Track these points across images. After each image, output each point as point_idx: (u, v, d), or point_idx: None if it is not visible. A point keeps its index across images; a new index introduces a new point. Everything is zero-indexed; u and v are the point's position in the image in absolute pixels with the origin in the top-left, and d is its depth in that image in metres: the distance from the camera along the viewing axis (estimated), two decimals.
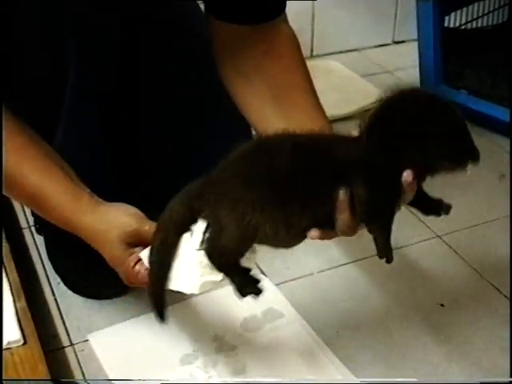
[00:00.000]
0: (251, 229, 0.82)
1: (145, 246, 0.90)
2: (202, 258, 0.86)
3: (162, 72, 1.19)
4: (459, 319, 1.23)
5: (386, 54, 2.27)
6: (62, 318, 1.21)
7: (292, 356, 1.13)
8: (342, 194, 0.83)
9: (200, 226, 0.85)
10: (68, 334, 1.18)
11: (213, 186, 0.84)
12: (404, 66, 2.16)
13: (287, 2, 1.10)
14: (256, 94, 1.06)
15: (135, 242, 0.92)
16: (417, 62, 1.93)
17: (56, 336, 1.18)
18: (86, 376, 1.10)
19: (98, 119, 1.10)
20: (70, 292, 1.26)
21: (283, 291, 1.27)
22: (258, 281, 0.88)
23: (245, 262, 0.88)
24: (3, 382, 0.97)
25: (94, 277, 1.26)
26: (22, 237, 1.39)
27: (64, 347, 1.16)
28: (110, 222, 0.92)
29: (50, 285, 1.28)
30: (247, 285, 0.88)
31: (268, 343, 1.16)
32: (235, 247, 0.84)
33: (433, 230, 1.45)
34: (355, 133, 0.87)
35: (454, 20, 2.00)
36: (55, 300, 1.25)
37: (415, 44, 1.94)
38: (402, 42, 2.33)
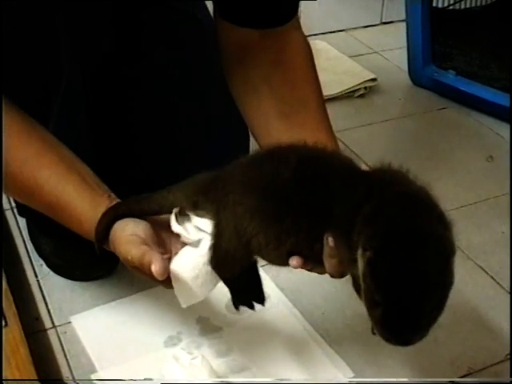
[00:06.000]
0: (247, 236, 0.78)
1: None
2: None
3: (158, 63, 1.15)
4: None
5: (374, 35, 2.25)
6: (44, 299, 1.20)
7: (277, 338, 1.12)
8: (331, 241, 0.75)
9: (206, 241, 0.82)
10: (50, 316, 1.17)
11: (220, 184, 0.80)
12: (392, 46, 2.14)
13: None
14: (262, 107, 1.03)
15: (138, 265, 0.85)
16: (405, 43, 1.91)
17: (38, 318, 1.16)
18: (68, 358, 1.09)
19: (88, 114, 1.07)
20: (52, 274, 1.25)
21: (269, 273, 1.25)
22: (260, 295, 0.85)
23: None
24: (3, 382, 0.96)
25: (78, 259, 1.24)
26: (5, 218, 1.37)
27: (46, 329, 1.14)
28: (116, 247, 0.87)
29: (33, 266, 1.27)
30: (244, 296, 0.84)
31: (253, 325, 1.15)
32: (234, 253, 0.80)
33: None
34: (364, 166, 0.79)
35: (442, 0, 1.99)
36: (38, 282, 1.24)
37: (403, 24, 1.93)
38: (391, 22, 2.31)
